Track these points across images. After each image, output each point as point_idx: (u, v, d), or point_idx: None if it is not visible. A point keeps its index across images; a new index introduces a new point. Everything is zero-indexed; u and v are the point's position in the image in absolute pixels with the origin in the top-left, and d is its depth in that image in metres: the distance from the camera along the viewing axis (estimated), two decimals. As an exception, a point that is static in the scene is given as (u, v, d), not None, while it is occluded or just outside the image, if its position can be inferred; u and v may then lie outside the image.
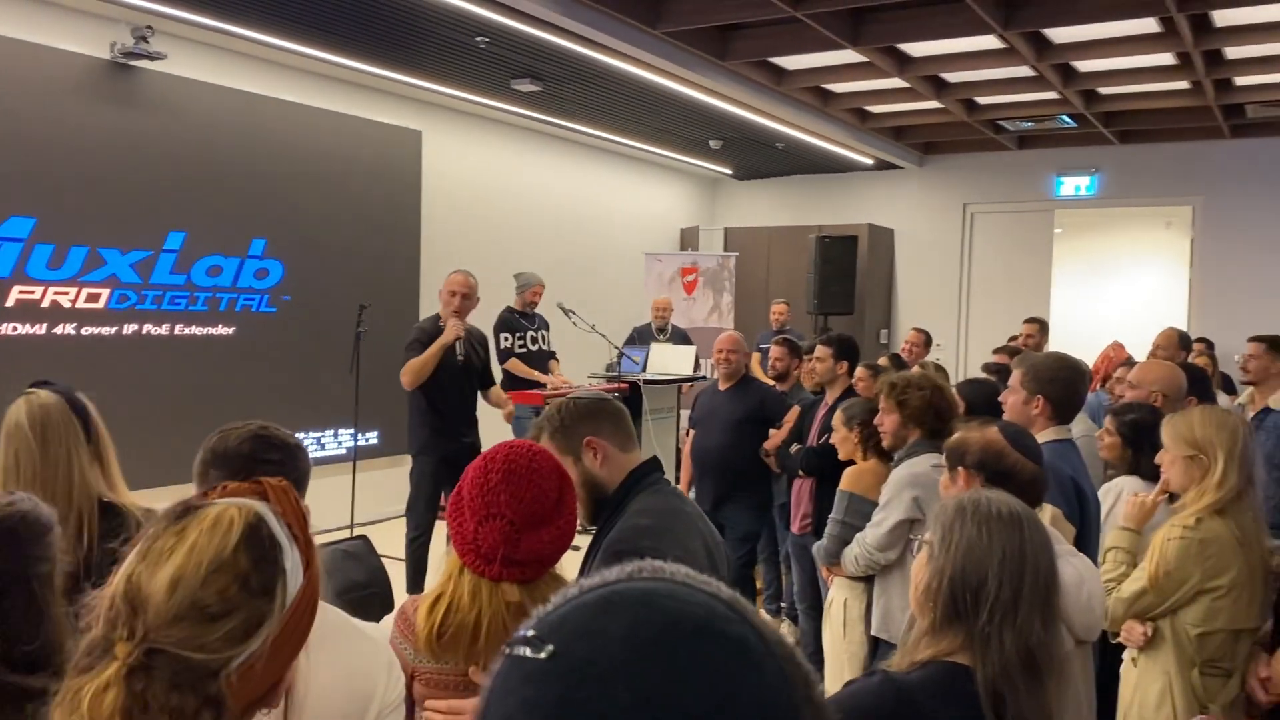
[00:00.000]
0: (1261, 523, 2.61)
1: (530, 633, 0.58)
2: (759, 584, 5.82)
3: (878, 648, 3.52)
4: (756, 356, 8.09)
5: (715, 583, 0.62)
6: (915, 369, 5.46)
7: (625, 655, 0.55)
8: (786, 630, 5.49)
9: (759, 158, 10.78)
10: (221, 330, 6.71)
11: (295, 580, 1.14)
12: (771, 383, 5.74)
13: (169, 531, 1.10)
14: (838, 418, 4.16)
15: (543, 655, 0.56)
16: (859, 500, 3.70)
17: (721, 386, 5.37)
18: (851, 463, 4.08)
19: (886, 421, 3.61)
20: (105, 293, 6.07)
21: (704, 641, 0.56)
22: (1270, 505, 4.26)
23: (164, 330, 6.38)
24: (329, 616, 1.62)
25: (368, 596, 4.04)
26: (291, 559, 1.14)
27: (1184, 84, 7.82)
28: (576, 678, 0.55)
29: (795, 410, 5.15)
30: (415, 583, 5.37)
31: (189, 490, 1.27)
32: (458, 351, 5.48)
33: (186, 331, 6.51)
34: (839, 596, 3.77)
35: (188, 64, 6.44)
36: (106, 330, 6.08)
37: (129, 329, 6.20)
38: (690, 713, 0.54)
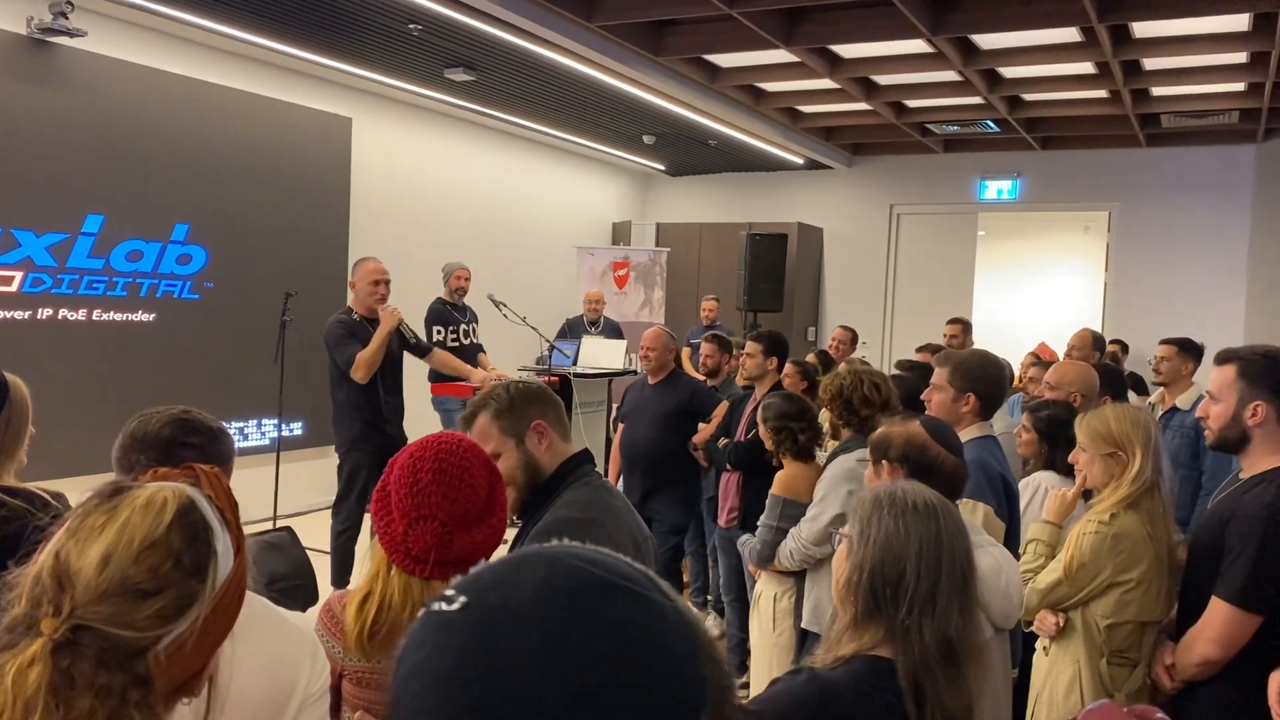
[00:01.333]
0: (1170, 515, 2.71)
1: (448, 591, 0.60)
2: (685, 577, 5.87)
3: (805, 640, 3.57)
4: (687, 351, 8.14)
5: (627, 558, 0.64)
6: (843, 366, 5.55)
7: (535, 603, 0.57)
8: (713, 623, 5.54)
9: (692, 154, 10.84)
10: (142, 317, 6.55)
11: (226, 564, 1.14)
12: (702, 378, 5.78)
13: (100, 510, 1.09)
14: (760, 415, 4.23)
15: (455, 606, 0.58)
16: (791, 504, 3.74)
17: (651, 381, 5.40)
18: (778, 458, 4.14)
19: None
20: (19, 275, 5.87)
21: (612, 594, 0.58)
22: (1175, 502, 4.43)
23: (81, 315, 6.20)
24: (254, 605, 1.60)
25: (292, 588, 3.99)
26: (223, 542, 1.14)
27: (1103, 93, 8.05)
28: (486, 623, 0.57)
29: (724, 405, 5.20)
30: (340, 576, 5.30)
31: (106, 480, 1.25)
32: (392, 341, 5.41)
33: (105, 317, 6.33)
34: (767, 590, 3.82)
35: (109, 42, 6.26)
36: (20, 314, 5.89)
37: (44, 313, 6.01)
38: (594, 655, 0.55)
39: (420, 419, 5.98)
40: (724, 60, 7.61)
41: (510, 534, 2.58)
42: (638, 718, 0.54)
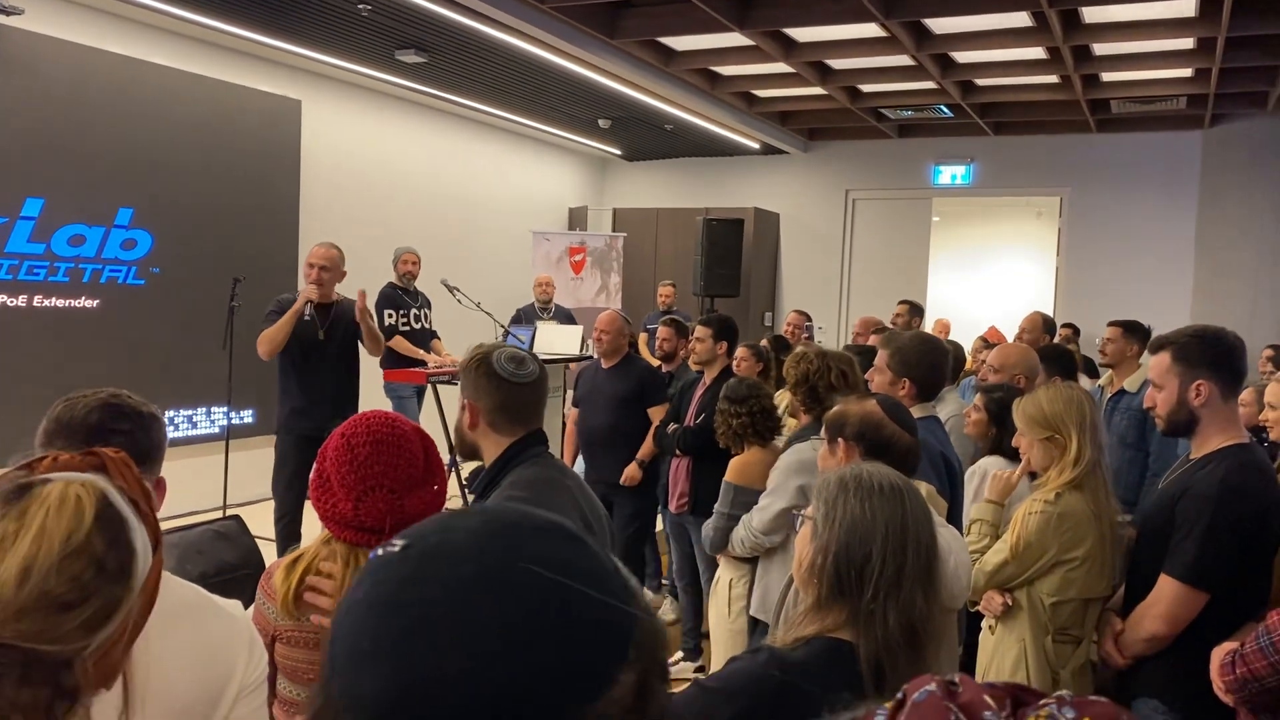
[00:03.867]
0: (1111, 492, 2.74)
1: (393, 540, 0.62)
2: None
3: (756, 627, 3.56)
4: (644, 337, 8.13)
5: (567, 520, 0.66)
6: (801, 347, 5.55)
7: (471, 541, 0.60)
8: (668, 607, 5.54)
9: (648, 139, 10.80)
10: (85, 303, 6.40)
11: (146, 559, 1.07)
12: (658, 363, 5.76)
13: (8, 516, 1.01)
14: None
15: (395, 548, 0.61)
16: (744, 492, 3.68)
17: (604, 365, 5.37)
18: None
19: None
20: (-45, 261, 5.73)
21: (546, 535, 0.61)
22: (1123, 483, 4.48)
23: (21, 302, 6.05)
24: (185, 594, 1.56)
25: (240, 577, 3.92)
26: (141, 537, 1.07)
27: (1054, 78, 8.12)
28: (424, 559, 0.59)
29: (665, 407, 5.15)
30: (289, 563, 5.23)
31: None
32: (318, 327, 5.22)
33: (46, 303, 6.19)
34: (724, 576, 3.79)
35: (48, 21, 6.10)
36: (-43, 301, 5.74)
37: (-18, 300, 5.87)
38: (525, 584, 0.57)
39: (373, 405, 5.90)
40: (678, 43, 7.57)
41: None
42: (566, 643, 0.56)
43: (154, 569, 1.09)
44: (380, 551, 0.61)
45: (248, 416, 7.29)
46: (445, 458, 2.04)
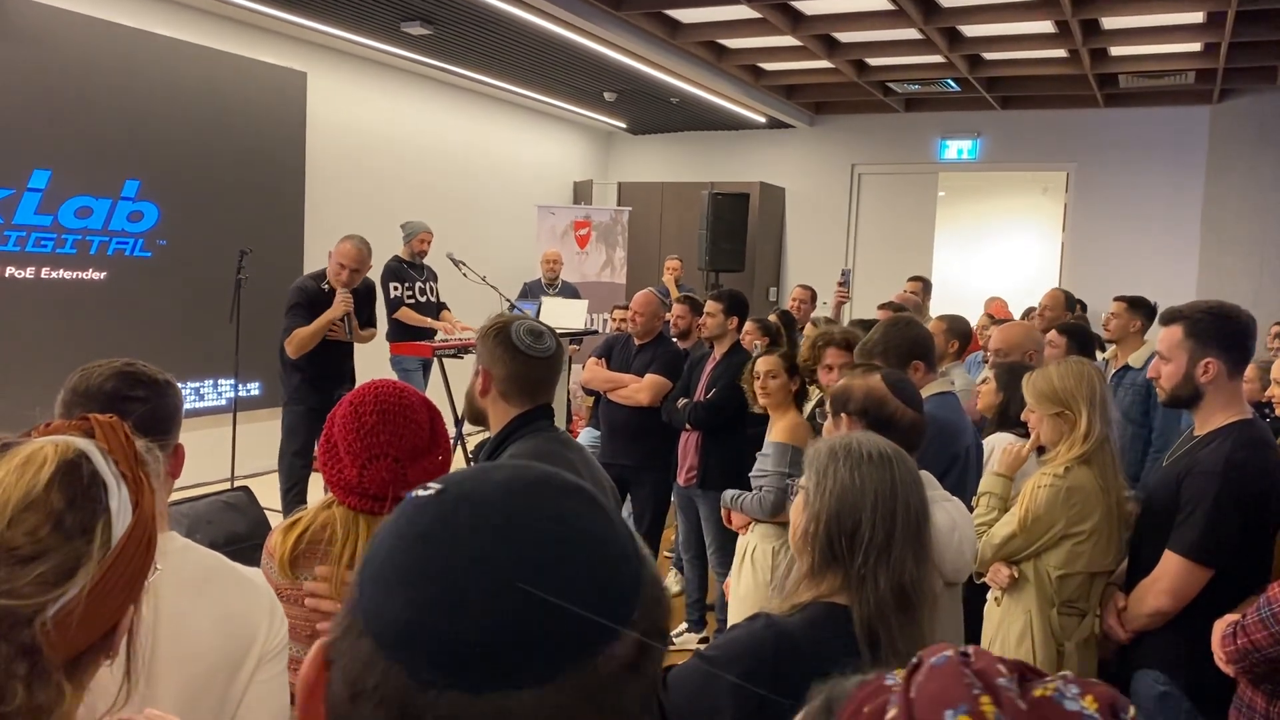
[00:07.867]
0: (1119, 467, 2.75)
1: (429, 483, 0.67)
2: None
3: None
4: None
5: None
6: (809, 325, 5.56)
7: (499, 493, 0.64)
8: (673, 580, 5.58)
9: (653, 112, 10.76)
10: (93, 275, 6.42)
11: (122, 521, 1.06)
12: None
13: None
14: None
15: (429, 492, 0.65)
16: (799, 452, 3.65)
17: (637, 343, 5.31)
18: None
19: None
20: (-37, 233, 5.74)
21: (570, 495, 0.66)
22: (1127, 458, 4.50)
23: (29, 274, 6.07)
24: (208, 561, 1.60)
25: (250, 547, 3.95)
26: (119, 498, 1.06)
27: (1062, 52, 8.08)
28: (454, 505, 0.64)
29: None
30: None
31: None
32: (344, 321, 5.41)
33: (54, 275, 6.20)
34: (764, 545, 3.78)
35: (53, -8, 6.08)
36: (-35, 272, 5.76)
37: (-10, 271, 5.89)
38: (543, 536, 0.62)
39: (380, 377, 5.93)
40: (685, 15, 7.53)
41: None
42: (573, 594, 0.60)
43: (137, 528, 1.08)
44: (417, 494, 0.66)
45: (254, 389, 7.32)
46: (451, 430, 2.06)
